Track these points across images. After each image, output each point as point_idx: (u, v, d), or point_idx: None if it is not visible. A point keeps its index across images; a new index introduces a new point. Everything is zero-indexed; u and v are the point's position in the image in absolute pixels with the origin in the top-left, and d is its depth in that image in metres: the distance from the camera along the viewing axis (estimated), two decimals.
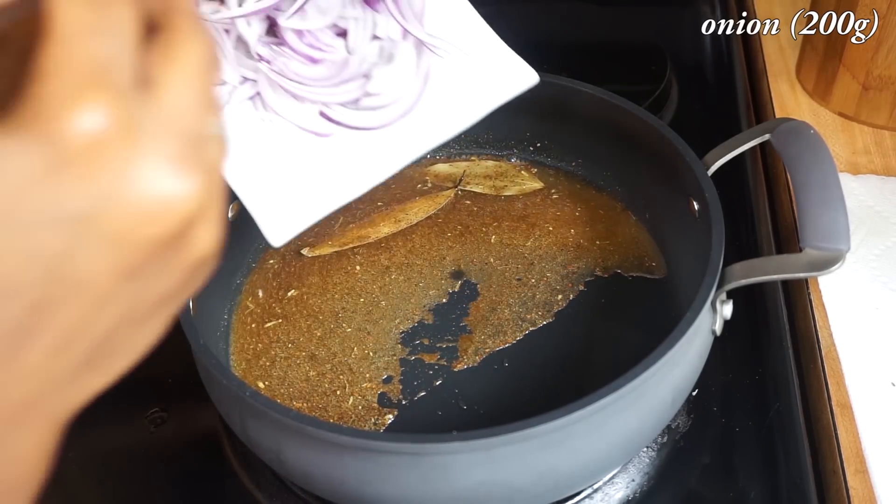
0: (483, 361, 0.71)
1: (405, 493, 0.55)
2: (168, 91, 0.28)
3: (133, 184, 0.26)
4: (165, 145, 0.27)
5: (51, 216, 0.25)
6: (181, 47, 0.29)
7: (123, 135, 0.26)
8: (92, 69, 0.25)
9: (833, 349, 0.71)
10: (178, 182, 0.27)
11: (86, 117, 0.25)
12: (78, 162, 0.25)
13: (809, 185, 0.62)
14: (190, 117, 0.28)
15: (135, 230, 0.26)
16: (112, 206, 0.26)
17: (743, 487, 0.64)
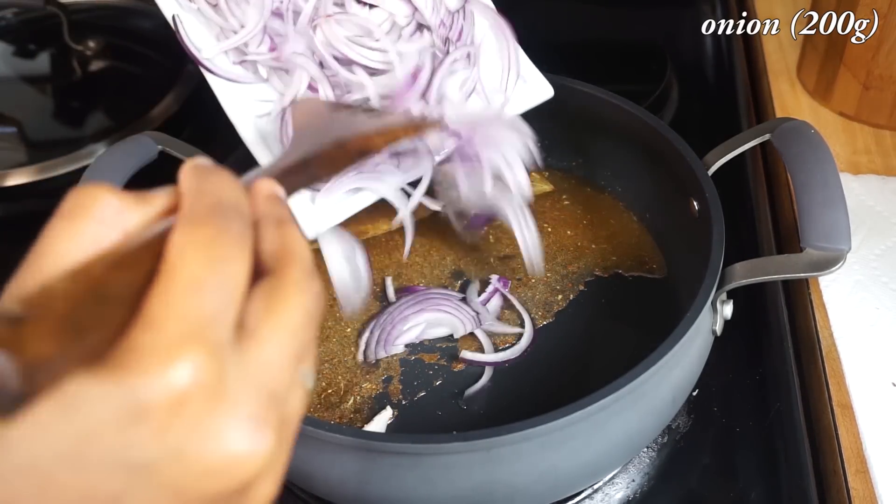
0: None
1: (405, 493, 0.55)
2: (263, 348, 0.28)
3: (207, 442, 0.26)
4: (248, 405, 0.26)
5: (114, 462, 0.25)
6: (285, 300, 0.29)
7: (210, 393, 0.25)
8: (195, 325, 0.25)
9: (833, 349, 0.71)
10: (251, 442, 0.26)
11: (175, 374, 0.25)
12: (157, 415, 0.25)
13: (810, 184, 0.62)
14: (279, 376, 0.28)
15: (195, 484, 0.26)
16: (178, 460, 0.25)
17: (743, 487, 0.64)
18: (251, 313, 0.28)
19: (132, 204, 0.31)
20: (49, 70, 1.10)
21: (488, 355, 0.70)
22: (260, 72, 0.68)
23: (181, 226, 0.28)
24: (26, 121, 1.02)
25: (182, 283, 0.26)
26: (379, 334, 0.71)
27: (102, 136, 0.95)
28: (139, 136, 0.73)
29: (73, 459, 0.25)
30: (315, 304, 0.30)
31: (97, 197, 0.30)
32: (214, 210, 0.29)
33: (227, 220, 0.29)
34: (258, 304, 0.28)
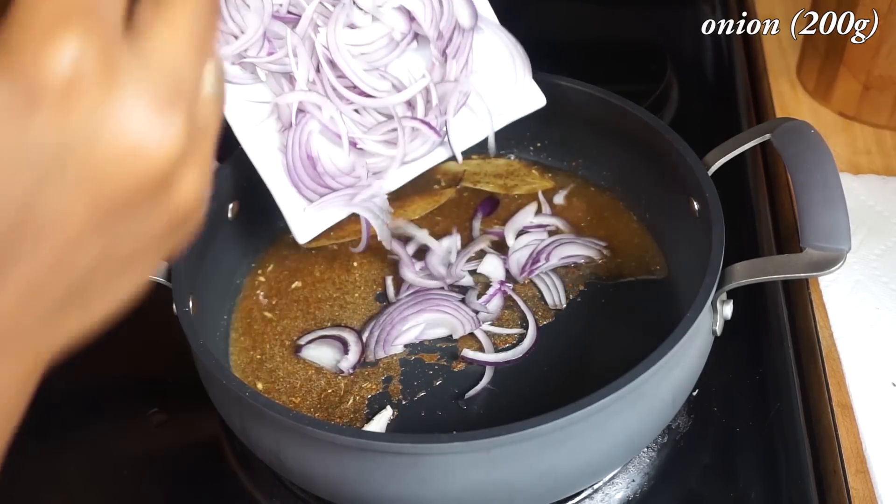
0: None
1: (405, 493, 0.55)
2: (156, 36, 0.27)
3: (110, 124, 0.25)
4: (147, 88, 0.26)
5: (19, 155, 0.24)
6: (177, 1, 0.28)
7: (101, 74, 0.25)
8: (74, 5, 0.24)
9: (833, 349, 0.71)
10: (157, 126, 0.26)
11: (61, 53, 0.24)
12: (52, 99, 0.24)
13: (810, 184, 0.62)
14: (177, 64, 0.27)
15: (110, 171, 0.26)
16: (86, 146, 0.25)
17: (743, 488, 0.64)
18: (141, 12, 0.27)
19: None
20: None
21: (489, 355, 0.70)
22: (258, 73, 0.68)
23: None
24: None
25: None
26: (378, 334, 0.71)
27: None
28: None
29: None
30: (208, 5, 0.29)
31: None
32: None
33: None
34: (148, 2, 0.28)
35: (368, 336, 0.71)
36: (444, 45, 0.68)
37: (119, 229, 0.27)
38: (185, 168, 0.28)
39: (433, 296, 0.73)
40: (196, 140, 0.28)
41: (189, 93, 0.28)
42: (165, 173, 0.27)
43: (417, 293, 0.74)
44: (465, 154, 0.89)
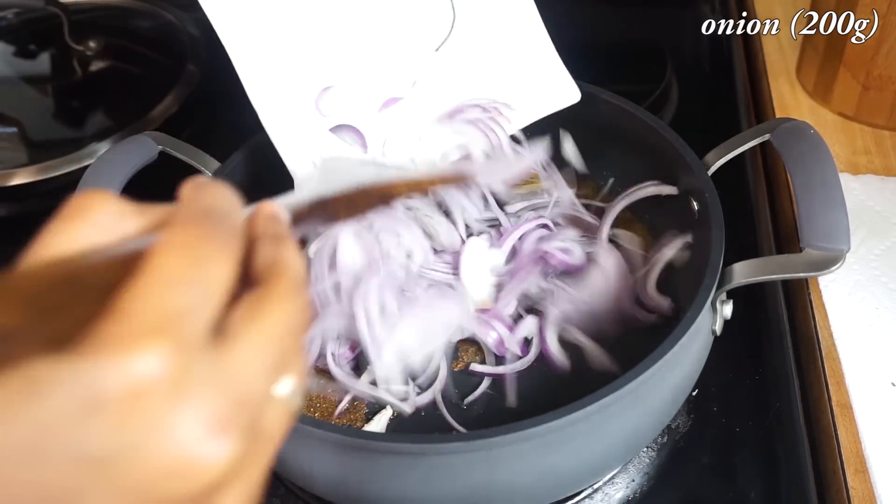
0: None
1: (405, 493, 0.55)
2: (238, 352, 0.27)
3: (164, 437, 0.25)
4: (212, 406, 0.26)
5: (70, 454, 0.24)
6: (268, 307, 0.28)
7: (170, 389, 0.25)
8: (164, 318, 0.25)
9: (833, 349, 0.71)
10: (211, 445, 0.26)
11: (136, 364, 0.24)
12: (115, 406, 0.24)
13: (810, 185, 0.62)
14: (252, 382, 0.27)
15: (154, 483, 0.25)
16: (134, 457, 0.25)
17: (743, 487, 0.64)
18: (233, 318, 0.28)
19: (131, 213, 0.31)
20: (49, 70, 1.10)
21: (499, 367, 0.70)
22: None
23: (170, 227, 0.28)
24: (27, 121, 1.02)
25: (158, 277, 0.26)
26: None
27: (103, 136, 0.95)
28: (139, 136, 0.73)
29: (29, 449, 0.24)
30: (299, 316, 0.30)
31: (98, 202, 0.30)
32: (205, 214, 0.29)
33: (215, 223, 0.29)
34: (241, 310, 0.28)
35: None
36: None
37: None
38: (231, 483, 0.27)
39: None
40: (251, 455, 0.27)
41: (254, 409, 0.27)
42: (209, 489, 0.26)
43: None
44: None
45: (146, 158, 0.71)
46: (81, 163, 0.91)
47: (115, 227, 0.30)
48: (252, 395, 0.27)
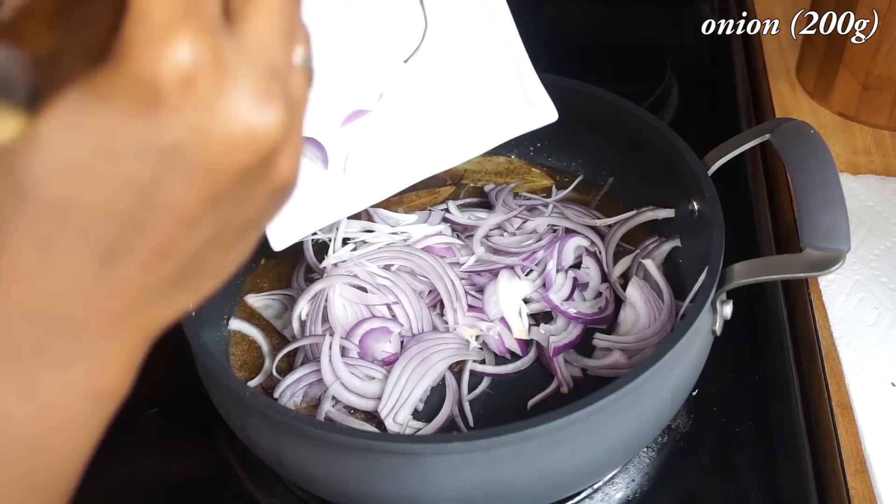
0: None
1: (405, 493, 0.55)
2: (252, 26, 0.29)
3: (221, 116, 0.27)
4: (251, 79, 0.28)
5: (143, 148, 0.27)
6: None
7: (212, 70, 0.27)
8: (181, 6, 0.26)
9: (833, 349, 0.71)
10: (262, 114, 0.28)
11: (177, 55, 0.26)
12: (169, 97, 0.26)
13: (810, 185, 0.62)
14: (273, 51, 0.29)
15: (221, 160, 0.28)
16: (200, 138, 0.27)
17: (743, 487, 0.64)
18: (236, 1, 0.29)
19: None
20: None
21: (498, 367, 0.70)
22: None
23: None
24: None
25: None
26: (396, 401, 0.67)
27: None
28: None
29: (106, 152, 0.26)
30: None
31: None
32: None
33: None
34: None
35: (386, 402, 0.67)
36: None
37: (228, 209, 0.30)
38: (284, 146, 0.30)
39: (430, 353, 0.70)
40: (291, 117, 0.30)
41: (285, 74, 0.30)
42: (269, 154, 0.29)
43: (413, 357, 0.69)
44: None
45: None
46: None
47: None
48: (279, 64, 0.29)
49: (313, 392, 0.67)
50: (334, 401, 0.66)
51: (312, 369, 0.67)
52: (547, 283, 0.73)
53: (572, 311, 0.71)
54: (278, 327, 0.74)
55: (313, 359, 0.68)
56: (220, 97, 0.27)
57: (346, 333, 0.68)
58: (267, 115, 0.28)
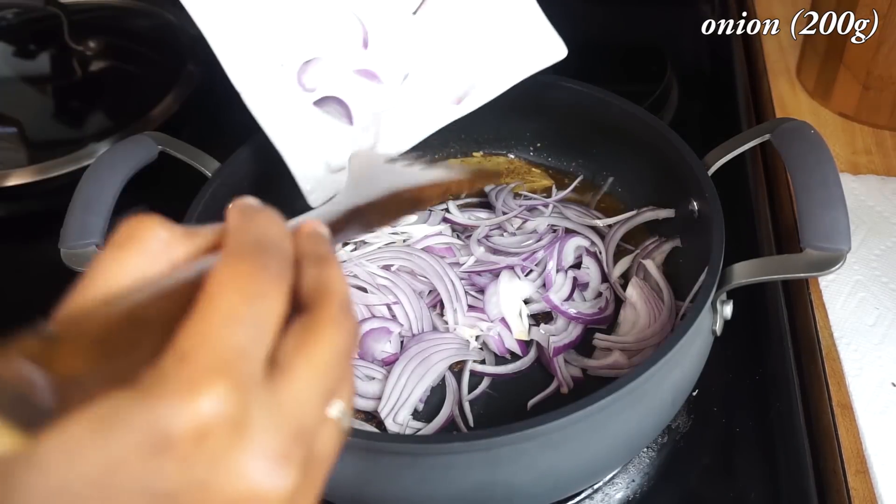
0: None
1: (405, 493, 0.55)
2: (292, 383, 0.28)
3: (227, 474, 0.26)
4: (273, 441, 0.27)
5: (139, 490, 0.25)
6: (318, 336, 0.29)
7: (233, 427, 0.26)
8: (225, 358, 0.26)
9: (833, 349, 0.71)
10: (273, 477, 0.27)
11: (201, 406, 0.25)
12: (181, 445, 0.25)
13: (810, 185, 0.62)
14: (307, 412, 0.28)
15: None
16: (202, 493, 0.26)
17: (743, 487, 0.64)
18: (284, 349, 0.29)
19: (180, 238, 0.31)
20: (49, 70, 1.10)
21: (498, 367, 0.70)
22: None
23: (223, 260, 0.29)
24: (26, 121, 1.02)
25: (217, 316, 0.27)
26: (396, 401, 0.67)
27: (102, 136, 0.95)
28: (139, 136, 0.73)
29: (101, 485, 0.25)
30: (349, 341, 0.30)
31: (148, 228, 0.31)
32: (256, 247, 0.29)
33: (267, 257, 0.29)
34: (292, 340, 0.29)
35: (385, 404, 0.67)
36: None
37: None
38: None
39: (430, 353, 0.70)
40: (309, 477, 0.28)
41: (311, 433, 0.29)
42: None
43: (414, 357, 0.69)
44: (465, 152, 0.89)
45: (146, 158, 0.71)
46: (81, 163, 0.91)
47: (166, 252, 0.31)
48: (309, 423, 0.28)
49: None
50: None
51: None
52: (547, 284, 0.73)
53: (572, 312, 0.71)
54: None
55: None
56: (232, 455, 0.26)
57: None
58: (277, 478, 0.27)
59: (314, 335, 0.29)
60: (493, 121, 0.85)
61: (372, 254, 0.74)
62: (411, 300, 0.71)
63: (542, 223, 0.78)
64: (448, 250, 0.76)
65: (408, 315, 0.70)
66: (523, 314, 0.72)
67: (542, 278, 0.73)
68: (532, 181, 0.85)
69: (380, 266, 0.73)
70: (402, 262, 0.73)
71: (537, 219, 0.78)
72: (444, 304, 0.71)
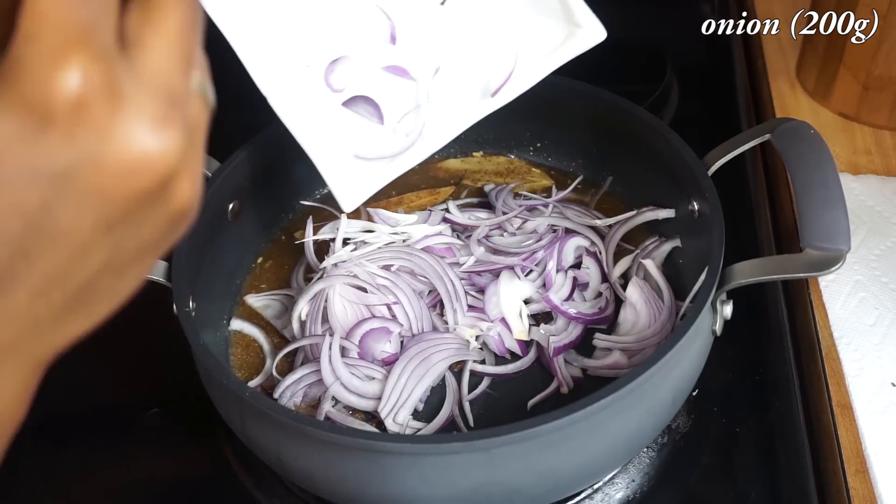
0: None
1: (405, 493, 0.55)
2: (148, 52, 0.28)
3: (115, 141, 0.27)
4: (146, 104, 0.28)
5: (31, 173, 0.26)
6: (162, 7, 0.29)
7: (106, 95, 0.26)
8: (74, 31, 0.26)
9: (833, 349, 0.71)
10: (158, 139, 0.28)
11: (68, 79, 0.26)
12: (60, 122, 0.26)
13: (810, 185, 0.62)
14: (171, 77, 0.29)
15: (115, 185, 0.27)
16: (93, 163, 0.27)
17: (743, 487, 0.64)
18: (130, 25, 0.29)
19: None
20: None
21: (498, 367, 0.70)
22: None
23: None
24: None
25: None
26: (396, 401, 0.67)
27: None
28: None
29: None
30: (192, 10, 0.30)
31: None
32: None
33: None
34: (135, 15, 0.29)
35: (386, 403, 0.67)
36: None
37: (123, 235, 0.29)
38: (182, 170, 0.29)
39: (430, 353, 0.69)
40: (190, 142, 0.29)
41: (183, 99, 0.29)
42: (167, 178, 0.28)
43: (414, 357, 0.69)
44: (465, 152, 0.89)
45: None
46: None
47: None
48: (177, 89, 0.29)
49: (313, 392, 0.67)
50: (334, 401, 0.66)
51: (312, 369, 0.67)
52: (547, 284, 0.73)
53: (572, 312, 0.71)
54: (278, 327, 0.74)
55: (313, 359, 0.68)
56: (114, 122, 0.27)
57: (346, 334, 0.68)
58: (164, 139, 0.28)
59: (156, 7, 0.29)
60: (493, 121, 0.85)
61: (372, 254, 0.74)
62: (411, 300, 0.71)
63: (542, 223, 0.78)
64: (448, 250, 0.76)
65: (408, 315, 0.70)
66: (523, 314, 0.72)
67: (542, 278, 0.73)
68: (532, 181, 0.85)
69: (380, 266, 0.73)
70: (402, 262, 0.73)
71: (537, 219, 0.78)
72: (444, 304, 0.72)
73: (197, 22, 0.31)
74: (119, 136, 0.27)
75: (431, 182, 0.85)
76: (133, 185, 0.28)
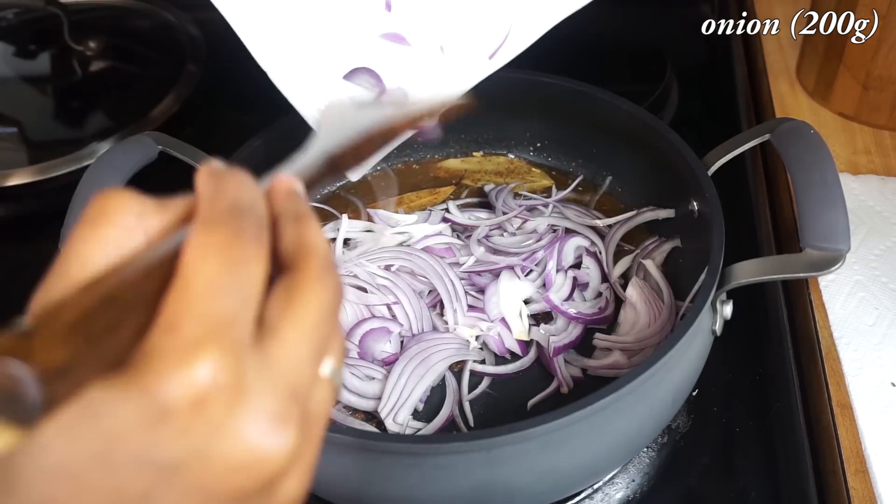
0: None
1: (405, 493, 0.55)
2: (282, 343, 0.28)
3: (226, 439, 0.26)
4: (269, 403, 0.27)
5: (140, 462, 0.26)
6: (304, 295, 0.29)
7: (229, 393, 0.26)
8: (213, 326, 0.26)
9: (833, 349, 0.71)
10: (272, 438, 0.27)
11: (195, 375, 0.25)
12: (179, 416, 0.25)
13: (810, 185, 0.62)
14: (300, 372, 0.28)
15: (220, 482, 0.27)
16: (201, 459, 0.26)
17: (743, 487, 0.64)
18: (271, 310, 0.28)
19: (153, 209, 0.31)
20: (49, 70, 1.10)
21: (498, 367, 0.70)
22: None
23: (197, 230, 0.28)
24: (27, 121, 1.02)
25: (199, 286, 0.26)
26: (396, 401, 0.67)
27: (102, 136, 0.95)
28: (139, 136, 0.73)
29: (101, 460, 0.25)
30: (334, 298, 0.30)
31: (120, 202, 0.30)
32: (230, 212, 0.29)
33: (243, 221, 0.29)
34: (277, 300, 0.29)
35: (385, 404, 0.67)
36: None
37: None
38: (292, 468, 0.28)
39: (430, 353, 0.70)
40: (307, 436, 0.29)
41: (306, 391, 0.29)
42: (273, 477, 0.28)
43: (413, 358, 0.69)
44: (465, 152, 0.89)
45: (146, 158, 0.71)
46: (81, 163, 0.91)
47: (140, 226, 0.30)
48: (303, 383, 0.28)
49: None
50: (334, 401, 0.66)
51: None
52: (547, 284, 0.73)
53: (572, 311, 0.71)
54: None
55: None
56: (230, 420, 0.26)
57: (346, 333, 0.68)
58: (277, 439, 0.27)
59: (299, 295, 0.29)
60: (493, 121, 0.85)
61: (372, 254, 0.74)
62: (411, 300, 0.71)
63: (542, 223, 0.78)
64: (448, 250, 0.76)
65: (408, 315, 0.70)
66: (523, 314, 0.72)
67: (542, 278, 0.73)
68: (532, 181, 0.85)
69: (380, 266, 0.73)
70: (402, 262, 0.73)
71: (537, 219, 0.78)
72: (444, 304, 0.72)
73: (338, 306, 0.30)
74: (232, 433, 0.26)
75: (431, 182, 0.85)
76: (237, 483, 0.27)
